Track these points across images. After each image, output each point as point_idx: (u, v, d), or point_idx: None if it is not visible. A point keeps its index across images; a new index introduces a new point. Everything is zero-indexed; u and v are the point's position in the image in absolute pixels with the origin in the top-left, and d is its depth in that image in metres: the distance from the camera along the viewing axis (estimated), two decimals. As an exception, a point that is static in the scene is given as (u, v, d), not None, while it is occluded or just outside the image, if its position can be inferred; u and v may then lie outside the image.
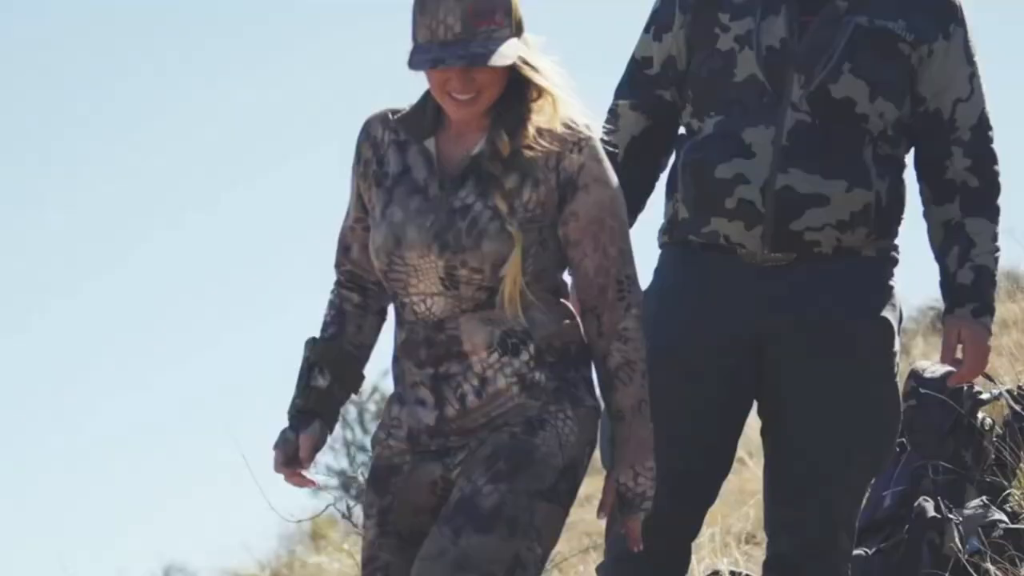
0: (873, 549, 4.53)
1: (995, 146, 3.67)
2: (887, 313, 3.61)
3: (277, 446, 3.40)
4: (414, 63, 3.18)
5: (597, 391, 3.33)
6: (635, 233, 3.76)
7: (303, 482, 3.39)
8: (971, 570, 4.21)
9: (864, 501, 3.85)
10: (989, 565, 4.20)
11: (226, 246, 21.81)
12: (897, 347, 3.64)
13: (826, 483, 3.60)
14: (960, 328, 3.60)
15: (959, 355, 3.61)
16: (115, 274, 23.32)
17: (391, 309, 3.42)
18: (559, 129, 3.23)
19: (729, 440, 3.66)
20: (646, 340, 3.33)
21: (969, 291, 3.61)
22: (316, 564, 10.62)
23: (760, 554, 5.54)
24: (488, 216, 3.23)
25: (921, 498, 4.61)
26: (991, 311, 3.63)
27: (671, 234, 3.70)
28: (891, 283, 3.66)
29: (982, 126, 3.65)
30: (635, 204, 3.74)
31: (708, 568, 5.11)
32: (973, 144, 3.63)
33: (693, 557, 5.63)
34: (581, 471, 3.28)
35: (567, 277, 3.33)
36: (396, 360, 3.37)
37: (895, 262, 3.67)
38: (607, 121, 3.76)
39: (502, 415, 3.26)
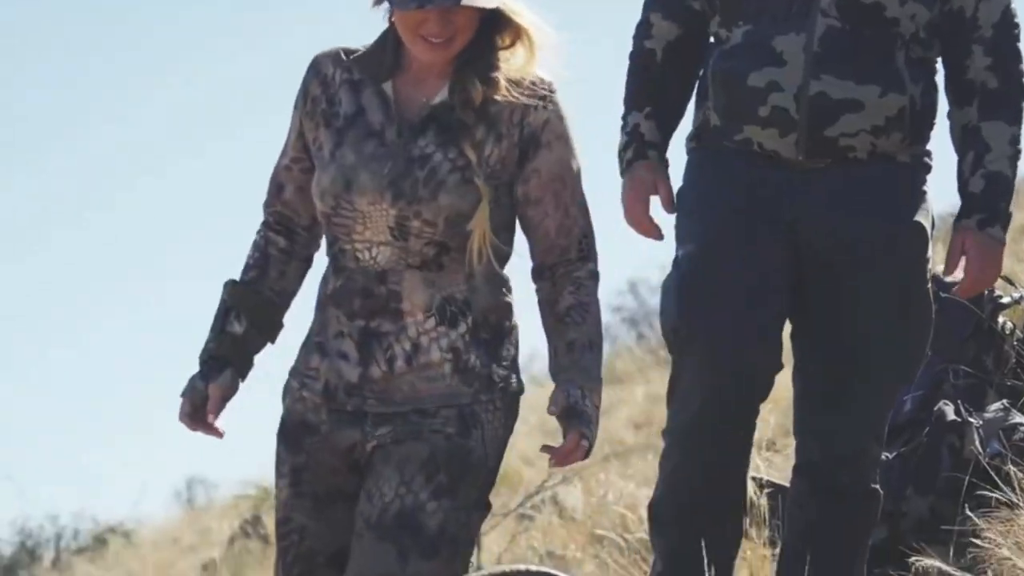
0: (893, 453, 4.53)
1: (1021, 45, 3.63)
2: (921, 218, 3.60)
3: (185, 394, 3.27)
4: (398, 3, 3.06)
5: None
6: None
7: (210, 432, 3.27)
8: (992, 473, 4.23)
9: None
10: (1010, 467, 4.21)
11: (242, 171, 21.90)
12: (930, 253, 3.64)
13: (858, 391, 3.60)
14: (964, 239, 3.59)
15: (962, 267, 3.60)
16: (144, 190, 23.41)
17: (323, 256, 3.30)
18: (526, 82, 3.14)
19: (779, 323, 3.62)
20: (684, 237, 3.28)
21: (978, 200, 3.59)
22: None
23: (781, 461, 5.57)
24: (448, 168, 3.14)
25: (941, 402, 4.61)
26: (1001, 220, 3.60)
27: (700, 139, 3.69)
28: (924, 189, 3.65)
29: (1005, 23, 3.61)
30: (675, 112, 3.74)
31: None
32: (994, 42, 3.60)
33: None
34: (502, 455, 3.25)
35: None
36: (321, 307, 3.26)
37: (928, 168, 3.67)
38: (638, 33, 3.75)
39: (432, 398, 3.18)
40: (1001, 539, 3.98)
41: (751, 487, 4.83)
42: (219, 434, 3.27)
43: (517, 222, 3.24)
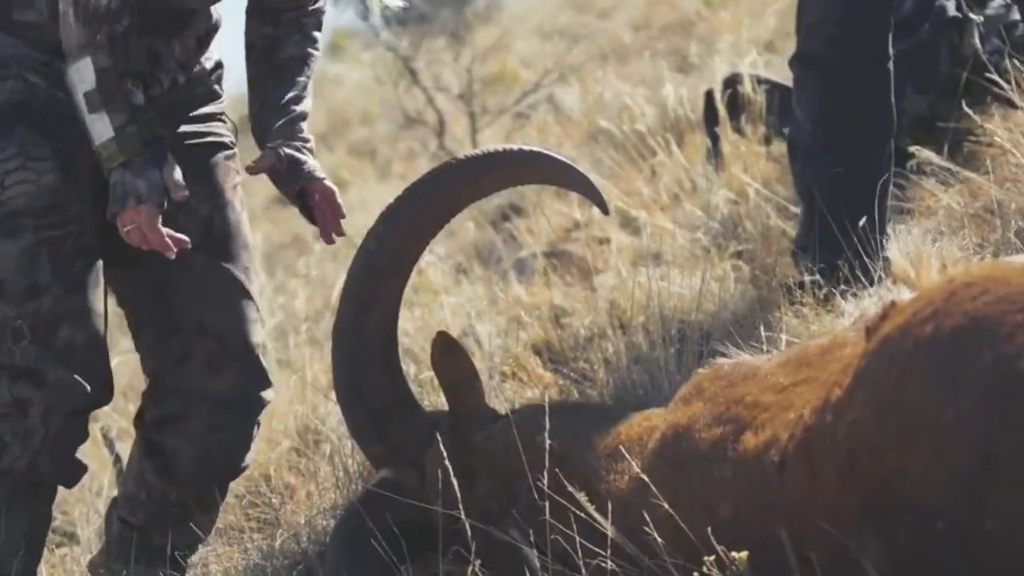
0: (892, 51, 4.51)
1: None
2: None
3: (148, 199, 2.79)
4: None
5: None
6: None
7: (180, 243, 2.84)
8: (990, 68, 4.21)
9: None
10: (1008, 63, 4.19)
11: None
12: None
13: None
14: None
15: None
16: None
17: None
18: None
19: None
20: None
21: None
22: (335, 74, 10.66)
23: (778, 61, 5.57)
24: None
25: (942, -2, 4.58)
26: None
27: None
28: None
29: None
30: None
31: (729, 70, 5.12)
32: None
33: (716, 58, 5.65)
34: None
35: None
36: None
37: None
38: None
39: (201, 103, 3.08)
40: (998, 133, 3.99)
41: (748, 83, 4.84)
42: (187, 242, 2.86)
43: None
